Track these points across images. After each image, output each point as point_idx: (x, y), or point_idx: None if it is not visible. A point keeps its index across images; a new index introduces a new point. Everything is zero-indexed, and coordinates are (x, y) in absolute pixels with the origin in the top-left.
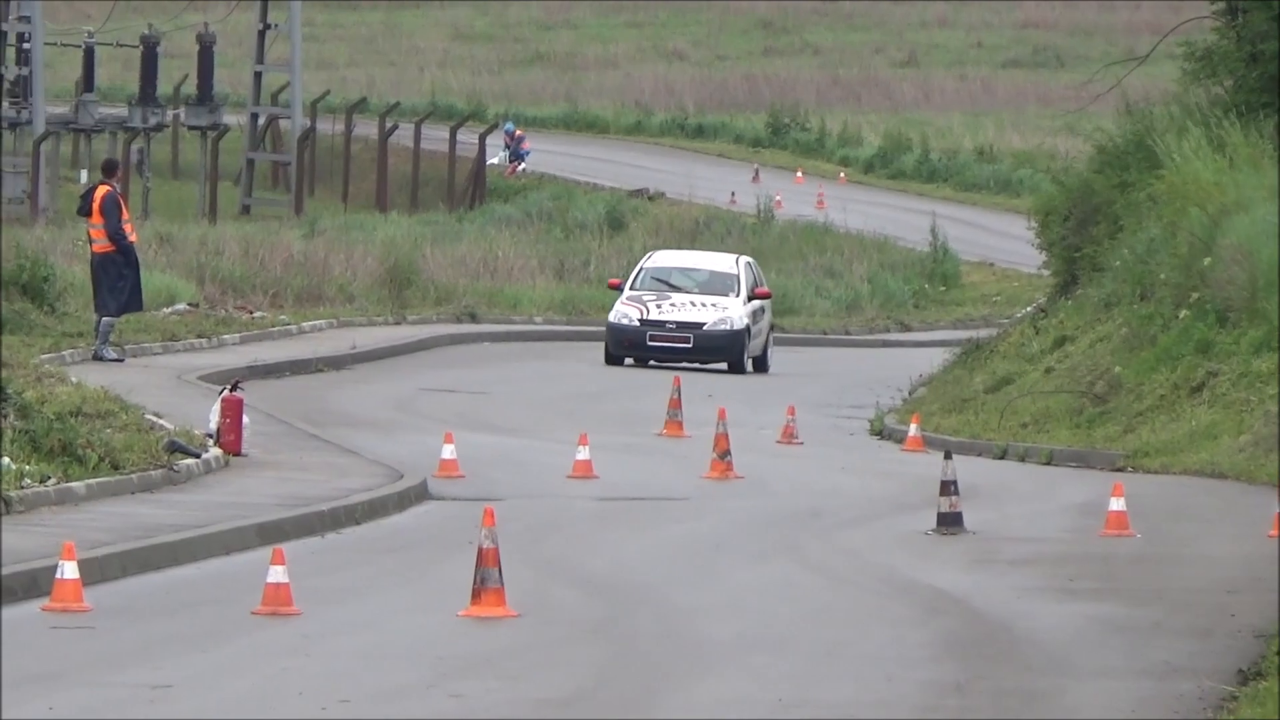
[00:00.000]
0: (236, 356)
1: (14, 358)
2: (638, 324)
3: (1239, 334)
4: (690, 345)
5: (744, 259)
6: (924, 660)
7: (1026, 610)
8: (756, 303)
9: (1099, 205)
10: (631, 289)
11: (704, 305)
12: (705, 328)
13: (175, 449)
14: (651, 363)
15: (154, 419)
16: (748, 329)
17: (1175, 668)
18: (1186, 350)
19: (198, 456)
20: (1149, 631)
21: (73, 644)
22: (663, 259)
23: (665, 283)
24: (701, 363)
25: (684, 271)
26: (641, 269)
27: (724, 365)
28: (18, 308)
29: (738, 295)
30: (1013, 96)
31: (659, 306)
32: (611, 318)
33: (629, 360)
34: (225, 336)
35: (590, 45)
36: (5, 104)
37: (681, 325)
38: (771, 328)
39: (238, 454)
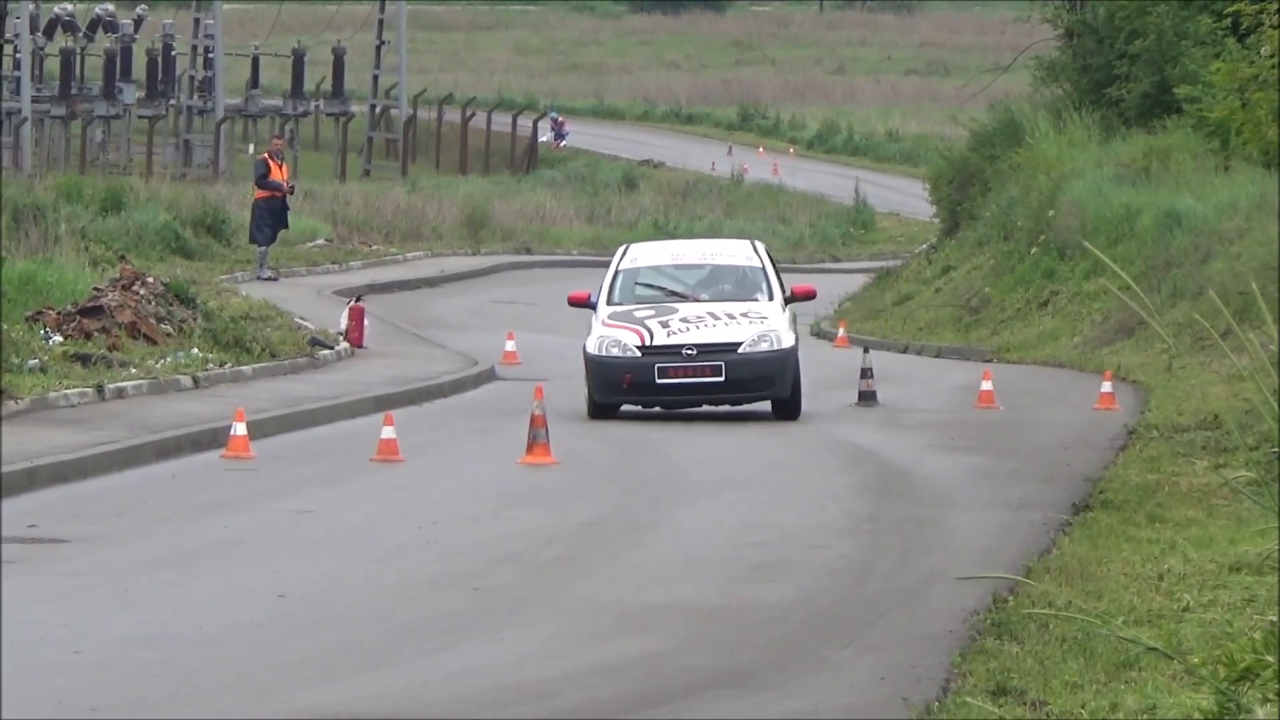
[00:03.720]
0: (359, 278)
1: (200, 278)
2: (638, 354)
3: (1073, 264)
4: (723, 378)
5: (763, 248)
6: (848, 496)
7: (921, 461)
8: (793, 308)
9: (974, 173)
10: (610, 303)
11: (732, 317)
12: (742, 349)
13: (315, 343)
14: (658, 408)
15: (300, 322)
16: (797, 346)
17: (1027, 502)
18: (1036, 276)
19: (331, 348)
20: (1008, 476)
21: (242, 481)
22: (646, 254)
23: (658, 288)
24: (735, 402)
25: (681, 269)
26: (618, 272)
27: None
28: (203, 242)
29: (772, 297)
30: (913, 95)
31: (665, 325)
32: (591, 348)
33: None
34: (351, 263)
35: (612, 57)
36: (195, 96)
37: (706, 349)
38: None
39: (360, 347)
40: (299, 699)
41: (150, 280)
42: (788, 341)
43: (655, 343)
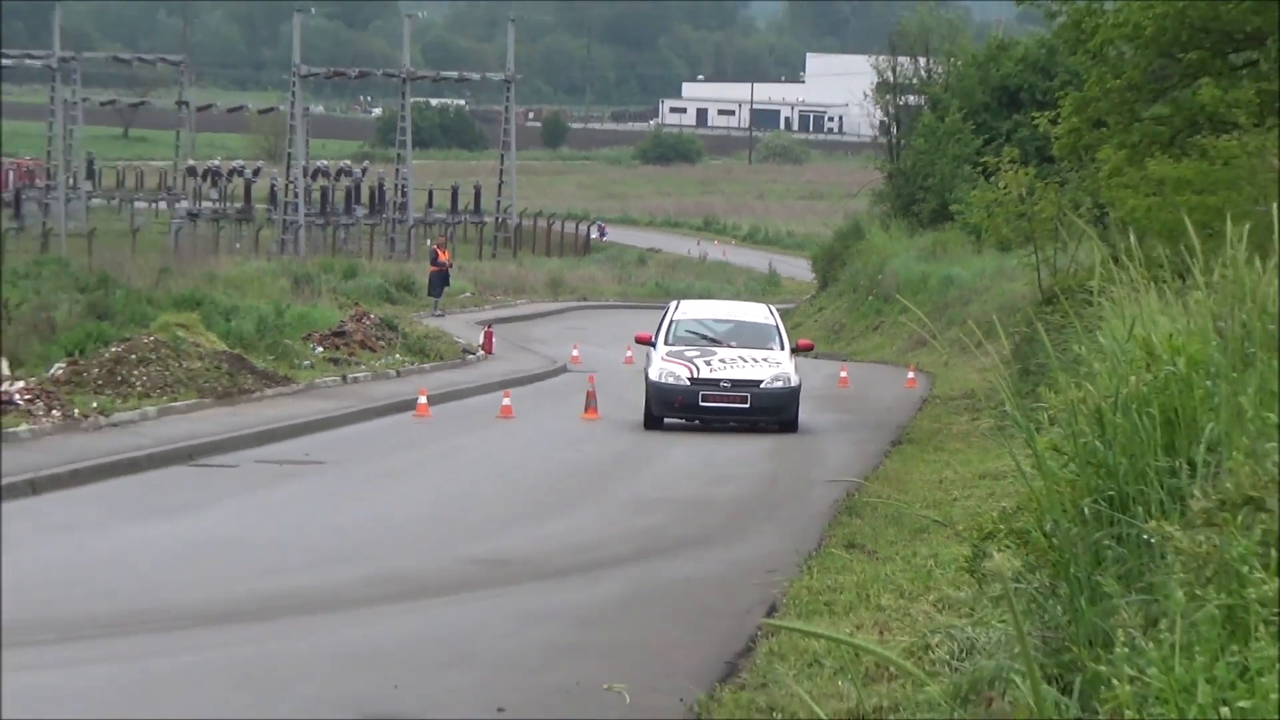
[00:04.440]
0: (489, 315)
1: (400, 315)
2: (688, 383)
3: (892, 306)
4: (748, 405)
5: (778, 310)
6: (768, 438)
7: (808, 417)
8: (797, 357)
9: (836, 254)
10: (667, 343)
11: (757, 361)
12: (763, 385)
13: (465, 352)
14: (698, 422)
15: (457, 339)
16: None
17: (868, 439)
18: (870, 313)
19: (474, 355)
20: (856, 425)
21: (424, 430)
22: (692, 309)
23: (701, 336)
24: (755, 424)
25: (718, 322)
26: (672, 321)
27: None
28: (401, 295)
29: (783, 348)
30: (802, 211)
31: (708, 364)
32: (653, 375)
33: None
34: (485, 307)
35: (631, 189)
36: (396, 212)
37: (738, 384)
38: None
39: (489, 354)
40: (462, 550)
41: (371, 316)
42: (795, 382)
43: (700, 376)
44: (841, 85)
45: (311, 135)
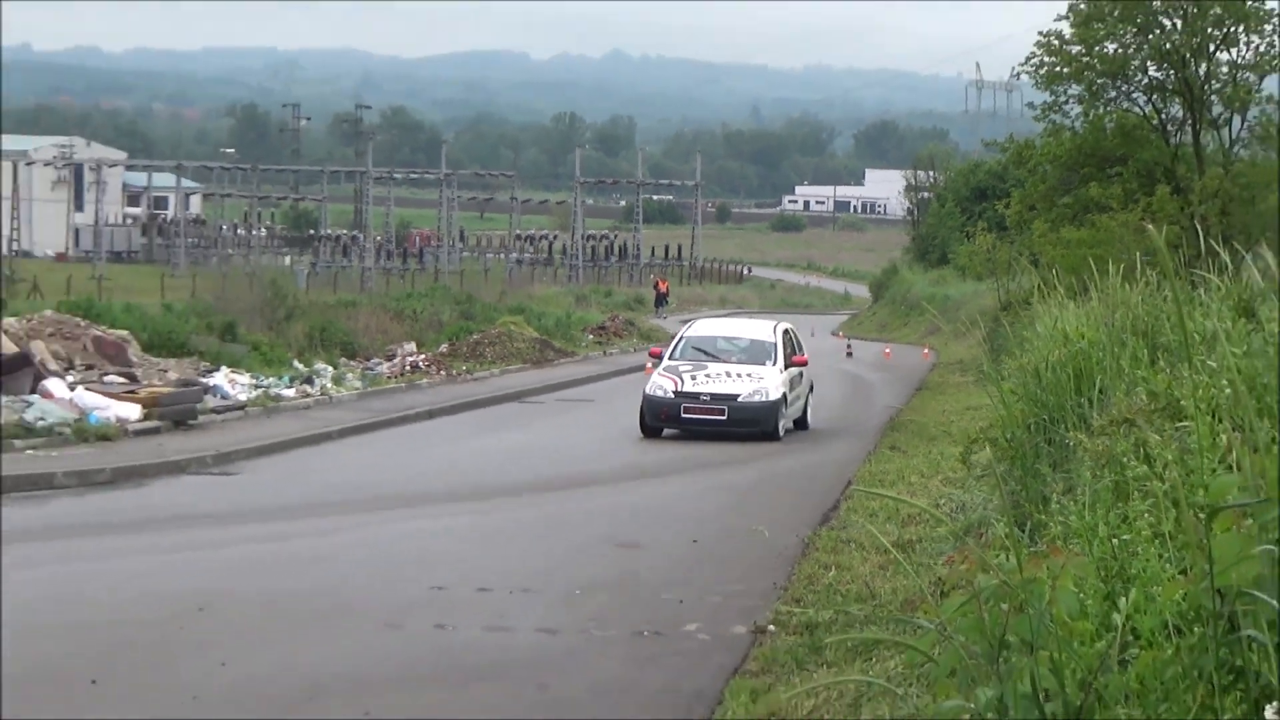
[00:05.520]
0: (685, 317)
1: (636, 319)
2: (672, 396)
3: (915, 312)
4: (725, 417)
5: (783, 326)
6: (844, 388)
7: (864, 376)
8: (795, 370)
9: (883, 282)
10: (670, 359)
11: (740, 376)
12: (740, 399)
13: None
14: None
15: (668, 330)
16: (784, 398)
17: (902, 387)
18: (901, 316)
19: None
20: (895, 379)
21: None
22: (703, 328)
23: (704, 351)
24: (735, 434)
25: (724, 340)
26: (682, 338)
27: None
28: (634, 308)
29: (774, 364)
30: (863, 258)
31: (694, 378)
32: (647, 389)
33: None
34: (684, 314)
35: (766, 247)
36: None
37: (716, 397)
38: (811, 389)
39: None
40: (669, 450)
41: (620, 317)
42: (774, 396)
43: (684, 389)
44: (887, 186)
45: (586, 215)
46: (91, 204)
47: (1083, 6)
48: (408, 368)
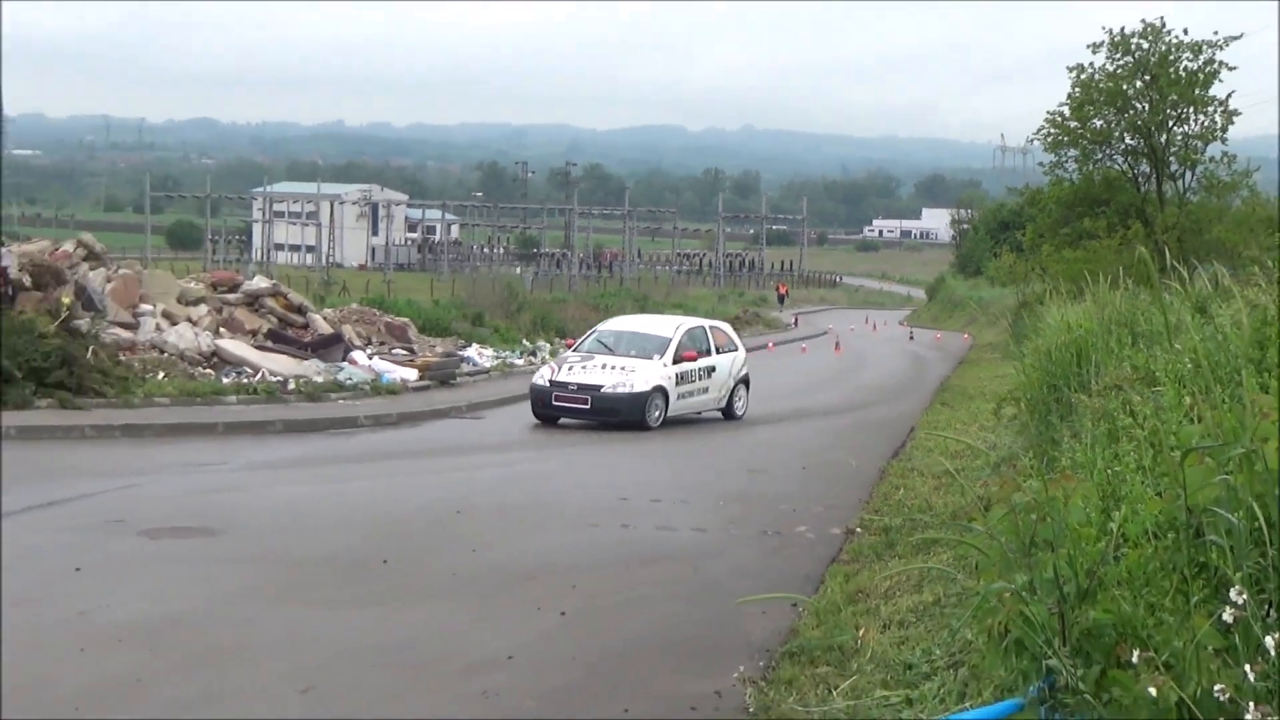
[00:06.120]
0: (795, 311)
1: (764, 311)
2: (547, 384)
3: (959, 307)
4: (589, 406)
5: (690, 324)
6: (905, 361)
7: (922, 355)
8: (688, 365)
9: (935, 287)
10: (573, 351)
11: (615, 369)
12: (603, 390)
13: (787, 325)
14: (562, 421)
15: (785, 321)
16: (658, 390)
17: (949, 362)
18: (945, 313)
19: (793, 326)
20: (945, 357)
21: (774, 356)
22: (612, 324)
23: (605, 345)
24: (602, 423)
25: (628, 334)
26: (592, 332)
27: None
28: (761, 304)
29: (661, 359)
30: (922, 270)
31: (571, 368)
32: (534, 377)
33: (549, 416)
34: (795, 309)
35: (853, 264)
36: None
37: (582, 387)
38: (744, 382)
39: (796, 327)
40: (786, 402)
41: (748, 311)
42: (641, 389)
43: (557, 379)
44: (938, 220)
45: (726, 240)
46: (383, 231)
47: (1078, 93)
48: None
